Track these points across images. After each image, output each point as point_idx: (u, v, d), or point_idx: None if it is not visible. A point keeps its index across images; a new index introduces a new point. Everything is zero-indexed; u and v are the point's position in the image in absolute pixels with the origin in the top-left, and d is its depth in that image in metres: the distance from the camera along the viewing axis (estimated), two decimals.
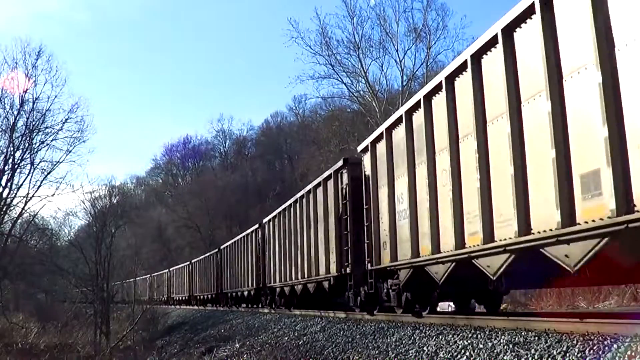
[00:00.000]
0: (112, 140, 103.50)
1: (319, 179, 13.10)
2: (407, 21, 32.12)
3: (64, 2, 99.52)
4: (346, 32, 32.66)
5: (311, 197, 13.69)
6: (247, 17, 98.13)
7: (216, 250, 28.83)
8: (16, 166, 29.90)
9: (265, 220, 19.21)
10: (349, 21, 32.12)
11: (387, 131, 9.10)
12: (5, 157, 29.49)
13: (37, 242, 36.06)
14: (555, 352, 4.85)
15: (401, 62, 31.66)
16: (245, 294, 22.41)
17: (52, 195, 30.34)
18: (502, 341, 5.76)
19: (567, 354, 4.71)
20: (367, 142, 10.07)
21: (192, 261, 35.64)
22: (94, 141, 79.28)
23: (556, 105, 5.12)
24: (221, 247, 27.57)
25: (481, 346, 5.90)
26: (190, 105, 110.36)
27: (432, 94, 7.56)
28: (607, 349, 4.50)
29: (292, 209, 15.45)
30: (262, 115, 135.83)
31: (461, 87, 6.82)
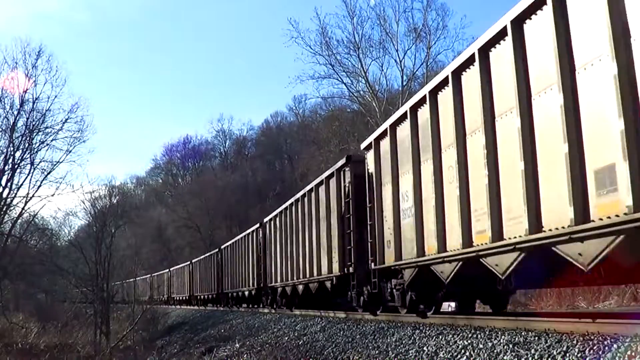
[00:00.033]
0: (112, 140, 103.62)
1: (321, 177, 12.92)
2: (407, 21, 32.01)
3: (64, 2, 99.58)
4: (346, 32, 32.52)
5: (313, 195, 13.51)
6: (247, 17, 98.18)
7: (217, 250, 28.68)
8: (16, 166, 29.93)
9: (266, 219, 19.04)
10: (349, 21, 32.00)
11: (391, 128, 8.93)
12: (5, 157, 29.52)
13: (37, 242, 36.06)
14: (555, 352, 4.82)
15: (401, 62, 31.58)
16: (246, 294, 22.26)
17: (52, 195, 30.39)
18: (502, 341, 5.74)
19: (567, 354, 4.69)
20: (371, 139, 9.90)
21: (193, 261, 35.46)
22: (94, 141, 79.47)
23: (568, 98, 4.97)
24: (222, 247, 27.42)
25: (481, 346, 5.88)
26: (190, 105, 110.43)
27: (438, 89, 7.39)
28: (607, 349, 4.48)
29: (293, 207, 15.27)
30: (262, 115, 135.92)
31: (468, 82, 6.66)
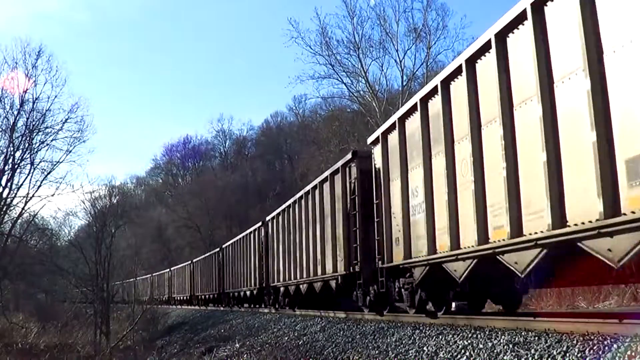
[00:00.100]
0: (112, 140, 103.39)
1: (326, 174, 12.58)
2: (407, 21, 31.94)
3: (64, 2, 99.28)
4: (346, 32, 32.46)
5: (317, 192, 13.18)
6: (247, 17, 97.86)
7: (218, 249, 28.39)
8: (16, 166, 29.89)
9: (268, 218, 18.73)
10: (349, 21, 31.92)
11: (400, 121, 8.60)
12: (5, 157, 29.47)
13: (37, 242, 36.00)
14: (555, 352, 4.80)
15: (401, 62, 31.46)
16: (247, 294, 21.96)
17: (52, 195, 30.33)
18: (502, 341, 5.71)
19: (567, 354, 4.66)
20: (378, 133, 9.56)
21: (194, 260, 35.16)
22: (94, 141, 79.10)
23: (596, 83, 4.64)
24: (223, 246, 27.13)
25: (481, 346, 5.84)
26: (190, 105, 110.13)
27: (451, 79, 7.06)
28: (607, 349, 4.45)
29: (296, 205, 14.95)
30: (262, 115, 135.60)
31: (484, 70, 6.33)
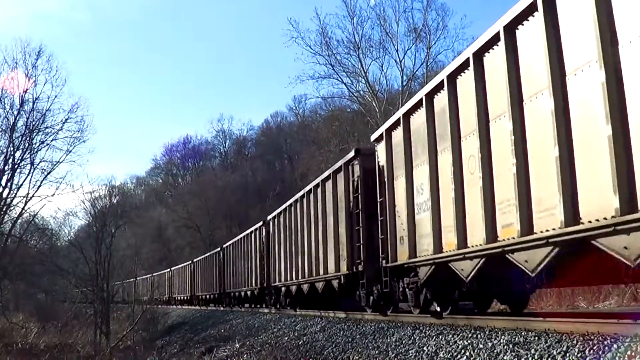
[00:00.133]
0: (112, 140, 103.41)
1: (328, 172, 12.41)
2: (407, 21, 31.97)
3: (64, 2, 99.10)
4: (346, 32, 32.53)
5: (319, 191, 13.01)
6: (247, 17, 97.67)
7: (219, 249, 28.22)
8: (16, 166, 29.77)
9: (269, 217, 18.55)
10: (349, 21, 31.93)
11: (405, 117, 8.43)
12: (5, 157, 29.36)
13: (37, 242, 35.87)
14: (555, 352, 4.78)
15: (401, 62, 31.44)
16: (248, 294, 21.80)
17: (52, 195, 30.20)
18: (502, 341, 5.69)
19: (567, 354, 4.65)
20: (382, 130, 9.39)
21: (194, 260, 34.99)
22: (94, 141, 79.09)
23: (611, 74, 4.49)
24: (224, 246, 26.96)
25: (481, 346, 5.82)
26: (190, 105, 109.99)
27: (457, 73, 6.89)
28: (607, 349, 4.44)
29: (298, 204, 14.78)
30: (262, 115, 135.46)
31: (492, 64, 6.16)
